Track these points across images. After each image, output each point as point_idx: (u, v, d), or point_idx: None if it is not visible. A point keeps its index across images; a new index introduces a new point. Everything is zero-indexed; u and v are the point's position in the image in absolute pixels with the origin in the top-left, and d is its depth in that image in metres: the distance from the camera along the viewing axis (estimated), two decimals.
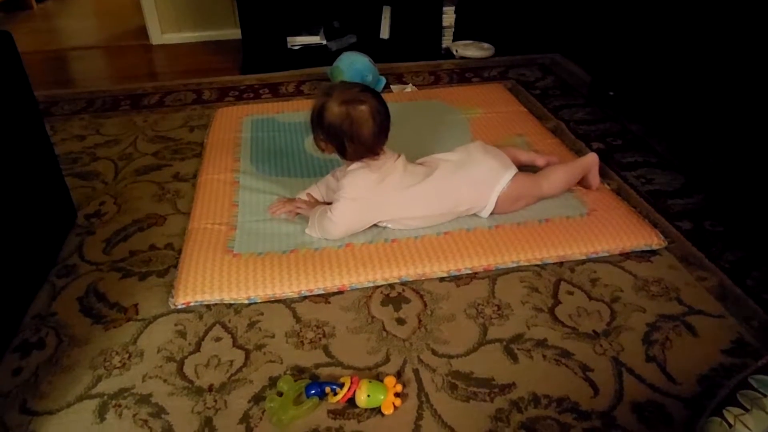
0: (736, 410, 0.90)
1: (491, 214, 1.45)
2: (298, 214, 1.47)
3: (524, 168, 1.53)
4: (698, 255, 1.37)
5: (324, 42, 2.78)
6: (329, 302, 1.26)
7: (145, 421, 1.00)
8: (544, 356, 1.11)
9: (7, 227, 1.20)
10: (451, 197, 1.42)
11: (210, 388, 1.06)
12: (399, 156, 1.41)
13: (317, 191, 1.53)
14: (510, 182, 1.42)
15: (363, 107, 1.29)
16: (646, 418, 0.99)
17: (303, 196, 1.53)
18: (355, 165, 1.37)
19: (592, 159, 1.56)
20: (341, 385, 1.02)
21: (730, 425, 0.89)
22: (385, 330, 1.19)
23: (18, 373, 1.10)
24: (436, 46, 2.77)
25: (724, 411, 0.91)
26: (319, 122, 1.33)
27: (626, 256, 1.37)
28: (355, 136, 1.30)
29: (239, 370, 1.10)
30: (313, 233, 1.41)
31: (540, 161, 1.60)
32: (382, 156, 1.36)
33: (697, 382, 1.05)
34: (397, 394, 1.02)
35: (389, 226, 1.43)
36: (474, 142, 1.57)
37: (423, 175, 1.41)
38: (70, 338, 1.18)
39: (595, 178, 1.56)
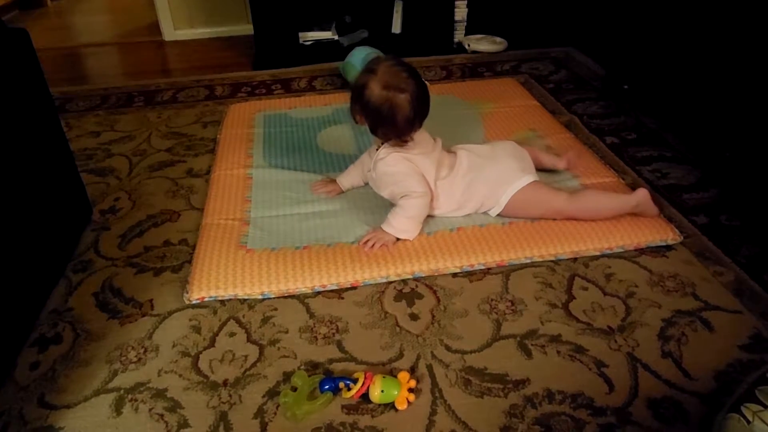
0: (755, 407, 0.89)
1: (500, 215, 1.43)
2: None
3: (546, 170, 1.56)
4: (714, 250, 1.36)
5: (336, 37, 2.77)
6: (342, 298, 1.26)
7: (161, 416, 1.01)
8: (558, 352, 1.11)
9: (24, 223, 1.21)
10: (467, 193, 1.42)
11: (225, 383, 1.07)
12: (436, 141, 1.43)
13: (348, 178, 1.56)
14: (525, 187, 1.39)
15: (403, 96, 1.28)
16: (662, 415, 0.98)
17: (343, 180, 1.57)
18: (382, 152, 1.38)
19: (641, 196, 1.38)
20: (355, 381, 1.02)
21: (748, 422, 0.88)
22: (398, 325, 1.19)
23: (36, 367, 1.12)
24: (448, 40, 2.76)
25: (743, 407, 0.90)
26: (358, 98, 1.33)
27: (641, 251, 1.36)
28: (389, 121, 1.31)
29: (253, 365, 1.11)
30: (406, 235, 1.37)
31: (561, 164, 1.59)
32: (410, 143, 1.36)
33: (713, 378, 1.04)
34: (410, 390, 1.02)
35: None
36: (507, 141, 1.56)
37: (448, 168, 1.42)
38: (87, 333, 1.19)
39: (651, 210, 1.41)
